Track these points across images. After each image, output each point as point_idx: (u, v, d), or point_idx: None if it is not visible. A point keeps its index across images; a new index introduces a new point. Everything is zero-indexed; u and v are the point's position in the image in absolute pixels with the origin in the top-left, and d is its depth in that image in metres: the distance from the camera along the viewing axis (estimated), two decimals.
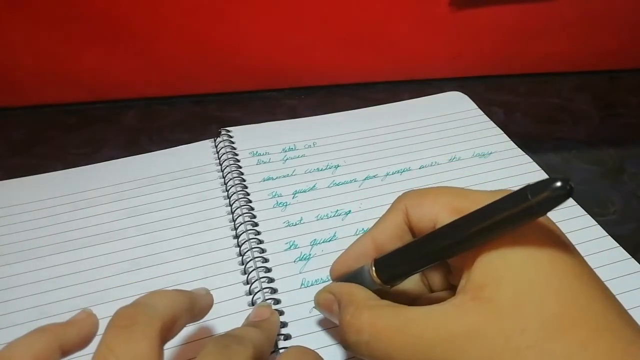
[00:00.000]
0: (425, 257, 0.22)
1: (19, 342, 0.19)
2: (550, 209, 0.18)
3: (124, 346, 0.19)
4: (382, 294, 0.24)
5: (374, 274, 0.24)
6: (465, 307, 0.20)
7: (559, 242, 0.20)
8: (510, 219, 0.19)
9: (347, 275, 0.26)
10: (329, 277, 0.31)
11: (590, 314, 0.19)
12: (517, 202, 0.18)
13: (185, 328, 0.24)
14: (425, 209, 0.24)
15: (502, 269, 0.20)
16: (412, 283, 0.27)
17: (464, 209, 0.21)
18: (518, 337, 0.18)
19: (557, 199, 0.17)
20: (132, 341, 0.19)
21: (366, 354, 0.22)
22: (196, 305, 0.23)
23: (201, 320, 0.26)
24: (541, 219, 0.20)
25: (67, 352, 0.20)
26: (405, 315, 0.21)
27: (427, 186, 0.37)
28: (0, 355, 0.19)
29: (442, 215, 0.23)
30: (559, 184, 0.17)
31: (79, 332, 0.21)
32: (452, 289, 0.26)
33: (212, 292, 0.30)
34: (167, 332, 0.20)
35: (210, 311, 0.26)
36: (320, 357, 0.23)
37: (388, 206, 0.36)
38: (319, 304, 0.27)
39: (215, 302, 0.26)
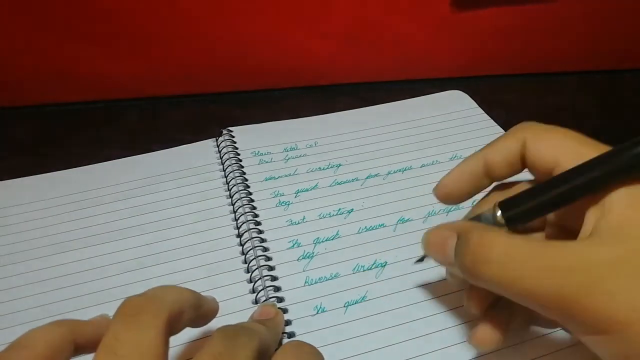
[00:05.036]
0: (562, 197, 0.22)
1: (37, 330, 0.20)
2: None
3: (131, 335, 0.19)
4: None
5: (499, 215, 0.24)
6: (603, 241, 0.20)
7: None
8: None
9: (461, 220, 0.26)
10: (333, 276, 0.32)
11: None
12: None
13: (190, 330, 0.24)
14: (548, 146, 0.23)
15: (638, 208, 0.20)
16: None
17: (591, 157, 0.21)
18: None
19: None
20: (139, 330, 0.19)
21: (492, 275, 0.21)
22: (202, 305, 0.23)
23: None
24: None
25: (80, 347, 0.21)
26: (539, 243, 0.21)
27: (429, 184, 0.37)
28: (18, 341, 0.20)
29: (565, 158, 0.22)
30: None
31: (95, 331, 0.21)
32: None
33: (215, 290, 0.30)
34: (173, 324, 0.20)
35: None
36: (316, 349, 0.23)
37: (390, 205, 0.36)
38: (430, 241, 0.25)
39: (218, 300, 0.26)
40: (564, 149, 0.23)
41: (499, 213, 0.24)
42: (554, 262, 0.20)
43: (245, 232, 0.35)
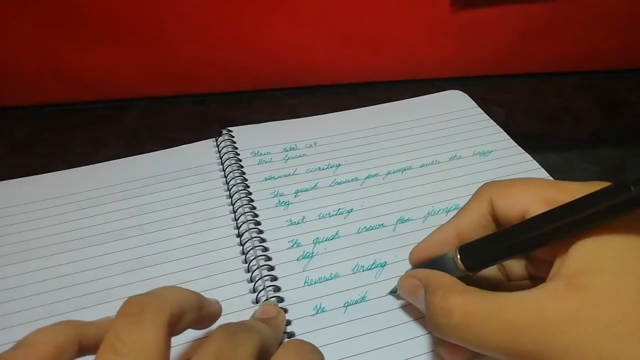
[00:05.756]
0: (518, 245, 0.23)
1: (43, 330, 0.20)
2: None
3: (131, 333, 0.19)
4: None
5: (459, 260, 0.24)
6: (559, 293, 0.20)
7: None
8: (612, 209, 0.19)
9: (427, 263, 0.27)
10: (332, 276, 0.32)
11: None
12: (619, 192, 0.19)
13: (192, 330, 0.24)
14: (513, 199, 0.24)
15: (599, 257, 0.20)
16: (490, 272, 0.27)
17: (557, 200, 0.21)
18: (618, 323, 0.18)
19: None
20: (140, 329, 0.19)
21: (455, 337, 0.22)
22: (205, 306, 0.23)
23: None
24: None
25: (84, 348, 0.21)
26: (496, 300, 0.21)
27: (429, 184, 0.38)
28: (24, 340, 0.20)
29: (532, 205, 0.23)
30: None
31: (99, 332, 0.21)
32: (530, 279, 0.26)
33: (215, 290, 0.31)
34: (175, 323, 0.20)
35: None
36: (317, 348, 0.23)
37: (390, 204, 0.37)
38: (403, 288, 0.27)
39: (219, 300, 0.26)
40: (529, 196, 0.23)
41: (458, 257, 0.25)
42: (510, 324, 0.20)
43: (245, 232, 0.35)
